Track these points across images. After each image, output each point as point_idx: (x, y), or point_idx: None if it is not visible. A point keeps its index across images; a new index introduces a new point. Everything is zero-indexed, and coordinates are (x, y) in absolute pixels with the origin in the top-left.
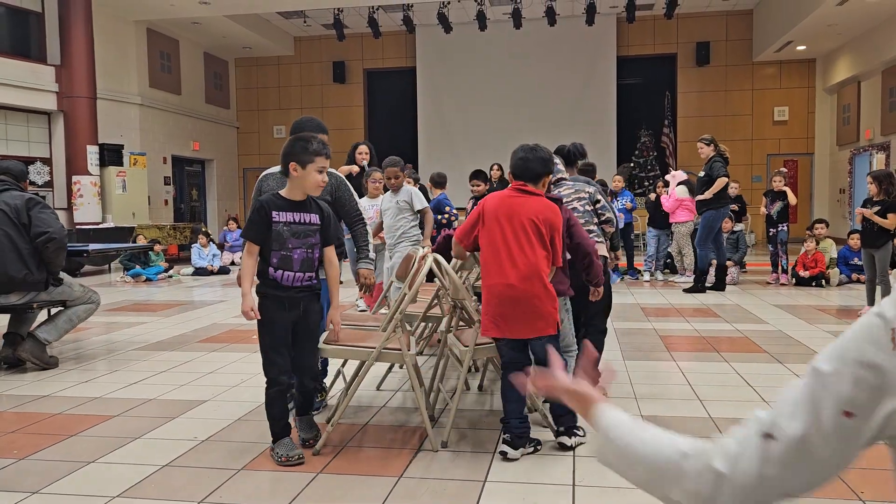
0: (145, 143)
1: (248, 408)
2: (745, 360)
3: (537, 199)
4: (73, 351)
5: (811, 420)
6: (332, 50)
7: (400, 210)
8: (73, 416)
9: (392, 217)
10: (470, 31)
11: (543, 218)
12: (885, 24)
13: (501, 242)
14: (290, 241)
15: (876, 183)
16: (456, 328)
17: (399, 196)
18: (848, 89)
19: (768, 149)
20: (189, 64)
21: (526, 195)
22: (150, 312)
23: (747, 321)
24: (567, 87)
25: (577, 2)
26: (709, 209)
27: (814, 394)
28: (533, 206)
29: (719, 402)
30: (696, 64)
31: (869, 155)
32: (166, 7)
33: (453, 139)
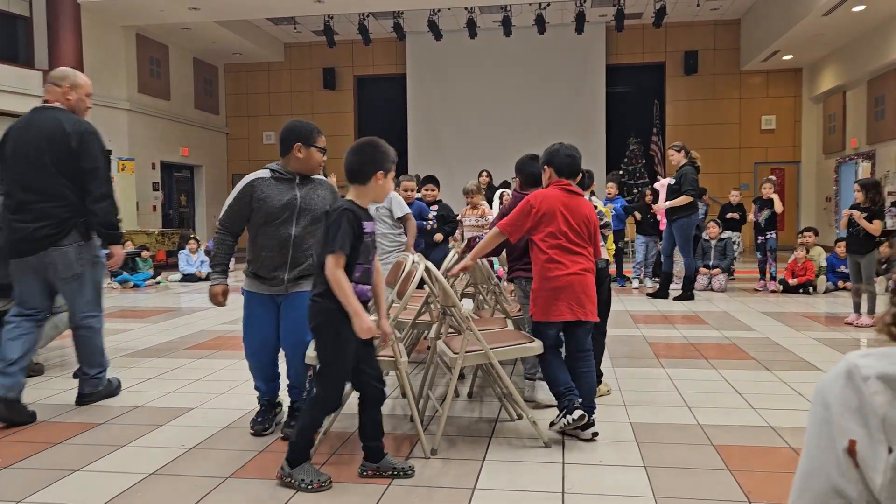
0: (134, 149)
1: (236, 415)
2: (733, 366)
3: (584, 199)
4: (59, 358)
5: None
6: (322, 56)
7: (378, 218)
8: (59, 424)
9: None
10: (460, 38)
11: (592, 216)
12: (870, 35)
13: (572, 235)
14: (372, 252)
15: (863, 191)
16: (445, 335)
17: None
18: (834, 99)
19: (756, 157)
20: (178, 69)
21: (576, 194)
22: (138, 319)
23: (735, 328)
24: (556, 94)
25: (566, 10)
26: (679, 217)
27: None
28: (585, 205)
29: (707, 409)
30: (684, 73)
31: (855, 164)
32: (156, 12)
33: (443, 146)
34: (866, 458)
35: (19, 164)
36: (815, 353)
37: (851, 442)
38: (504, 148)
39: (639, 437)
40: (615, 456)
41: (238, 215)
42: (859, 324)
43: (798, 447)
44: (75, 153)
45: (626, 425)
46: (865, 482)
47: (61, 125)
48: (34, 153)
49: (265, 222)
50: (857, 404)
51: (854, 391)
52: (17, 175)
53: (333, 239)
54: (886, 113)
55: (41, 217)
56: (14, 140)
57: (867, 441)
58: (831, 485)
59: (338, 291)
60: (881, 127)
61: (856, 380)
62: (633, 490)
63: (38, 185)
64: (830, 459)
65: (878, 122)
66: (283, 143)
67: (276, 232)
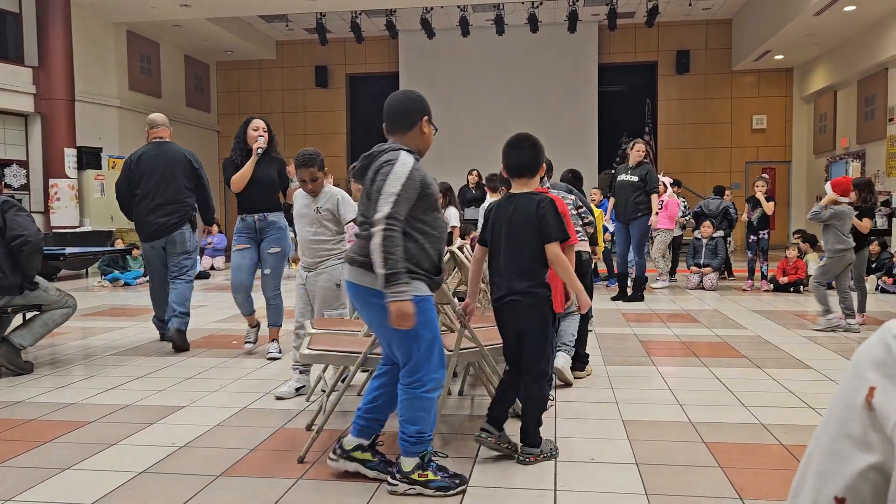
0: (124, 146)
1: (227, 413)
2: (725, 364)
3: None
4: (49, 356)
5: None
6: (314, 54)
7: (316, 220)
8: (48, 423)
9: (307, 228)
10: (453, 36)
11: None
12: (861, 35)
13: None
14: None
15: (857, 190)
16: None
17: (320, 202)
18: (824, 98)
19: (747, 156)
20: (170, 67)
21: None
22: (128, 317)
23: (726, 326)
24: (549, 93)
25: (559, 9)
26: (644, 216)
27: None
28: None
29: (699, 407)
30: (676, 72)
31: (845, 163)
32: (146, 9)
33: (435, 144)
34: (882, 401)
35: (150, 179)
36: (806, 352)
37: (871, 389)
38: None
39: (631, 434)
40: (607, 453)
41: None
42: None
43: (789, 444)
44: (196, 172)
45: (618, 423)
46: (877, 423)
47: (183, 154)
48: (167, 171)
49: (432, 209)
50: (882, 358)
51: (883, 347)
52: (155, 185)
53: (557, 227)
54: (876, 113)
55: (170, 213)
56: (148, 162)
57: (886, 386)
58: (844, 429)
59: (567, 274)
60: (871, 126)
61: (886, 338)
62: (626, 487)
63: (170, 192)
64: (847, 405)
65: (868, 121)
66: (403, 117)
67: (440, 223)
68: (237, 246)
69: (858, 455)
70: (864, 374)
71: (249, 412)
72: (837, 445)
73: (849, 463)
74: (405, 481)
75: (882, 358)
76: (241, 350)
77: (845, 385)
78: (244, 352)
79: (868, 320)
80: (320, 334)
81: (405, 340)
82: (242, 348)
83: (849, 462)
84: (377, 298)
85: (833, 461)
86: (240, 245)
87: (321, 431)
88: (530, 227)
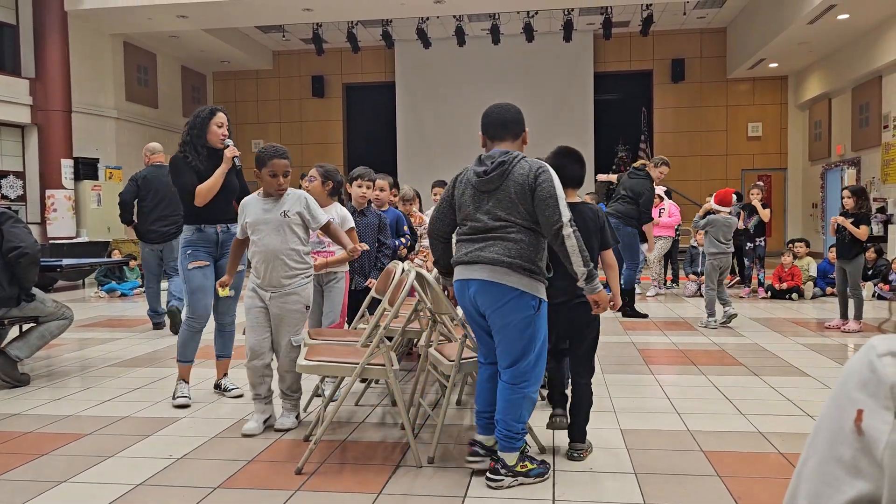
0: (121, 157)
1: (224, 425)
2: (723, 372)
3: None
4: (46, 368)
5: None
6: (310, 64)
7: (288, 228)
8: (45, 435)
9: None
10: (449, 46)
11: None
12: (854, 43)
13: None
14: None
15: (854, 197)
16: (436, 343)
17: (286, 205)
18: (819, 106)
19: (743, 164)
20: (166, 77)
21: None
22: (125, 328)
23: (724, 334)
24: (545, 102)
25: (554, 19)
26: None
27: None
28: None
29: (697, 415)
30: (671, 80)
31: (840, 170)
32: (144, 21)
33: (432, 153)
34: (871, 423)
35: (155, 196)
36: (803, 359)
37: (859, 412)
38: None
39: (629, 443)
40: (606, 463)
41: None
42: (847, 329)
43: (787, 452)
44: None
45: (617, 432)
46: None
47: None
48: (166, 190)
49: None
50: (868, 377)
51: (868, 366)
52: (157, 201)
53: (612, 234)
54: (871, 120)
55: (169, 224)
56: (152, 182)
57: (872, 407)
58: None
59: (615, 277)
60: (866, 134)
61: (871, 356)
62: (624, 497)
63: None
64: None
65: (863, 129)
66: (515, 125)
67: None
68: (196, 263)
69: (849, 481)
70: (851, 394)
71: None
72: (828, 468)
73: (839, 489)
74: (510, 475)
75: (867, 377)
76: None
77: (833, 405)
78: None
79: (865, 327)
80: (317, 344)
81: (525, 342)
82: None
83: (840, 488)
84: (514, 296)
85: (823, 486)
86: (199, 262)
87: (318, 442)
88: (594, 234)
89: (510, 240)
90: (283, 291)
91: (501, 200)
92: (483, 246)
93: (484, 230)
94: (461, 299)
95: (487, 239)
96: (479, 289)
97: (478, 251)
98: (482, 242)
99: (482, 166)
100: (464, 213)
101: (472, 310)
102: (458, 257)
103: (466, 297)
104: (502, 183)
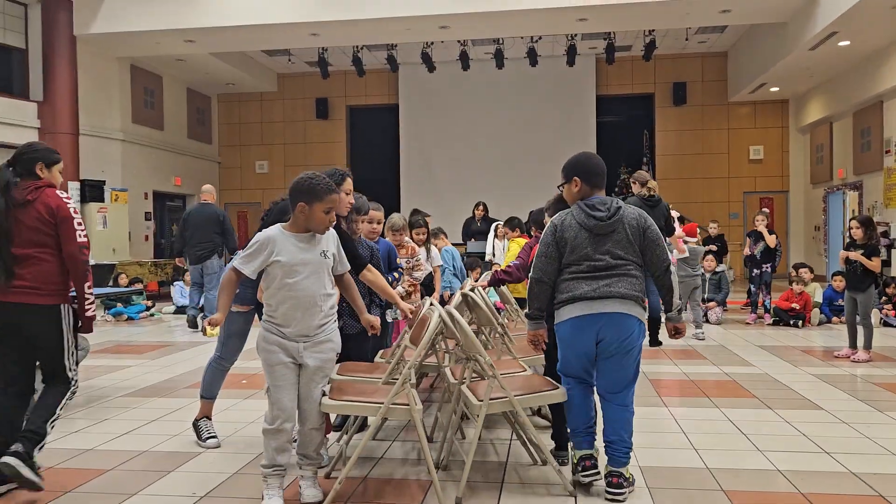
0: (127, 179)
1: (245, 460)
2: (735, 405)
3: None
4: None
5: None
6: (315, 86)
7: (325, 270)
8: (66, 471)
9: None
10: (453, 70)
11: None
12: (855, 68)
13: None
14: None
15: (862, 227)
16: (469, 380)
17: (324, 243)
18: (821, 129)
19: (745, 186)
20: (172, 99)
21: None
22: (135, 355)
23: (733, 363)
24: (548, 125)
25: (557, 43)
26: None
27: None
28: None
29: (714, 452)
30: (673, 103)
31: (842, 194)
32: (152, 45)
33: (435, 176)
34: None
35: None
36: (815, 391)
37: None
38: (496, 178)
39: (649, 482)
40: (628, 501)
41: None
42: (856, 359)
43: (808, 493)
44: (222, 223)
45: (636, 469)
46: None
47: (216, 213)
48: (205, 223)
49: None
50: None
51: None
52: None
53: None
54: (873, 144)
55: (203, 248)
56: (194, 216)
57: None
58: None
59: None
60: (868, 158)
61: None
62: None
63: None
64: None
65: (865, 153)
66: (604, 178)
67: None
68: (239, 307)
69: None
70: None
71: None
72: None
73: None
74: (629, 485)
75: None
76: (252, 390)
77: None
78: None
79: (875, 357)
80: (341, 381)
81: (637, 366)
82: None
83: None
84: (639, 327)
85: None
86: (243, 306)
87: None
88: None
89: (632, 275)
90: (316, 340)
91: (619, 241)
92: (610, 282)
93: (606, 268)
94: (579, 333)
95: (612, 276)
96: (609, 321)
97: (606, 287)
98: (608, 279)
99: (597, 211)
100: (579, 254)
101: (589, 343)
102: (584, 293)
103: (591, 330)
104: (618, 226)
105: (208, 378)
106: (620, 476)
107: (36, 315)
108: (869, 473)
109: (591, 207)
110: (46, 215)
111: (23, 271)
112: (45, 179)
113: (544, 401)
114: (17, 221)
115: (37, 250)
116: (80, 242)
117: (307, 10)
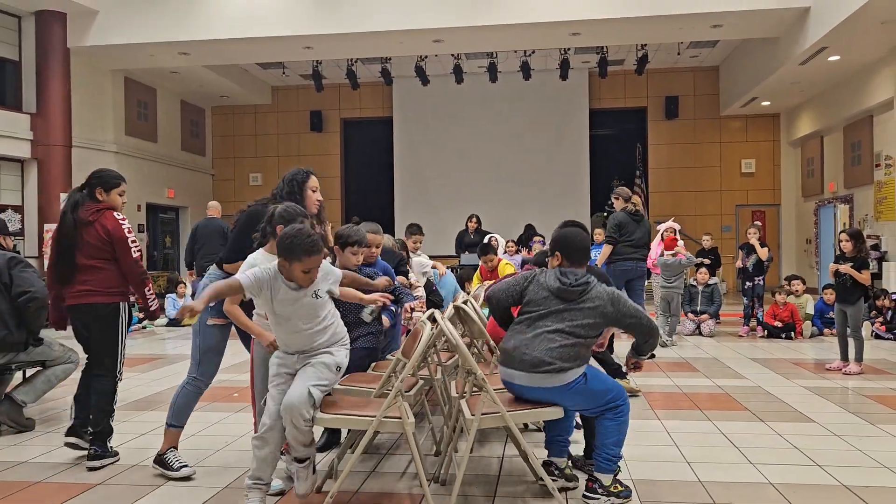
0: None
1: (235, 474)
2: (728, 418)
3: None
4: (52, 411)
5: None
6: (309, 99)
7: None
8: (54, 485)
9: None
10: (447, 83)
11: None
12: (846, 83)
13: None
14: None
15: (852, 241)
16: (470, 394)
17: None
18: (811, 143)
19: (736, 199)
20: (166, 112)
21: None
22: (126, 367)
23: (726, 376)
24: (541, 138)
25: (550, 57)
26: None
27: None
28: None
29: (707, 465)
30: (665, 117)
31: (833, 207)
32: (145, 57)
33: (429, 188)
34: None
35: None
36: (806, 404)
37: None
38: (489, 191)
39: (642, 495)
40: None
41: None
42: (848, 371)
43: None
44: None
45: (629, 482)
46: None
47: (221, 226)
48: (211, 236)
49: None
50: None
51: None
52: (203, 243)
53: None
54: (863, 158)
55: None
56: (202, 229)
57: None
58: None
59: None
60: (858, 172)
61: None
62: None
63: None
64: None
65: (855, 166)
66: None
67: None
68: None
69: None
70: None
71: None
72: None
73: None
74: (605, 494)
75: None
76: (243, 403)
77: None
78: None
79: (865, 369)
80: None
81: (596, 397)
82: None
83: None
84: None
85: None
86: (219, 319)
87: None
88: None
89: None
90: (312, 353)
91: (580, 311)
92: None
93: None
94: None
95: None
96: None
97: (525, 346)
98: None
99: (566, 278)
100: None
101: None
102: (506, 352)
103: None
104: (583, 297)
105: (181, 402)
106: (597, 482)
107: (98, 311)
108: (861, 486)
109: (563, 275)
110: (104, 235)
111: (87, 277)
112: (105, 202)
113: (538, 417)
114: (81, 237)
115: (98, 262)
116: (134, 258)
117: (301, 23)
